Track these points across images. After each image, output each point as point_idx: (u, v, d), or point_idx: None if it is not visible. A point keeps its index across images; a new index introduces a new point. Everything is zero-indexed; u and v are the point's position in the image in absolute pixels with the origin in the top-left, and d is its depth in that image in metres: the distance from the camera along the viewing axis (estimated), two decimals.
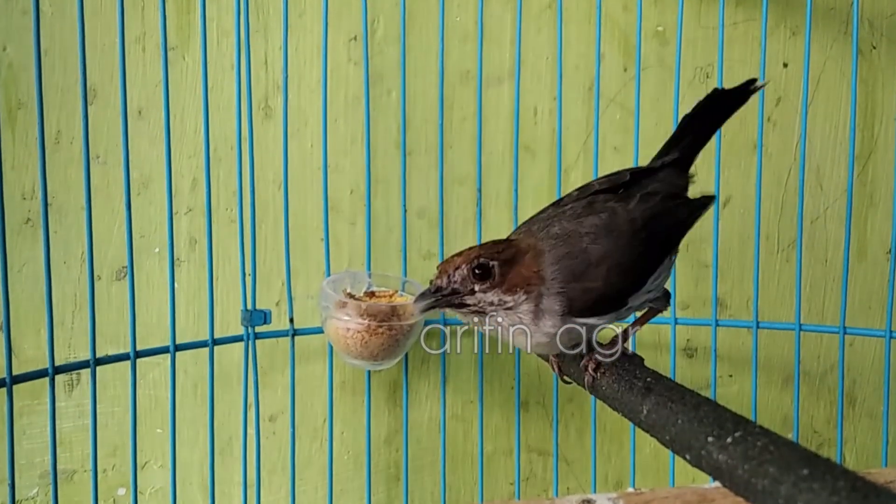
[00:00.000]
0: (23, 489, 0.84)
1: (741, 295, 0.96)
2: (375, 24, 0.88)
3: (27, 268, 0.83)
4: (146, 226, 0.85)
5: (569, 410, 0.95)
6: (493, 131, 0.91)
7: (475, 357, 0.91)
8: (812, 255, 0.97)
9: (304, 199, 0.87)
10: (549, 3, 0.91)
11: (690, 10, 0.92)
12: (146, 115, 0.84)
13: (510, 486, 0.95)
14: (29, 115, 0.82)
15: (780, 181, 0.96)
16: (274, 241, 0.87)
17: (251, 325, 0.81)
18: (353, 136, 0.89)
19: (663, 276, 0.60)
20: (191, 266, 0.87)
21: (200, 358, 0.84)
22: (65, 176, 0.83)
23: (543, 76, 0.91)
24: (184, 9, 0.84)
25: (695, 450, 0.41)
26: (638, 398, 0.50)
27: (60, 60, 0.82)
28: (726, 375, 0.97)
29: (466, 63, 0.89)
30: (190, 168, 0.86)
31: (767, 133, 0.95)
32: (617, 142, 0.93)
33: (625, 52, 0.92)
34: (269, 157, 0.86)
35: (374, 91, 0.87)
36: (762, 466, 0.35)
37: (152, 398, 0.87)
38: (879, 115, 0.97)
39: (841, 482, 0.31)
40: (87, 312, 0.70)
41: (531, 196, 0.92)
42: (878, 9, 0.95)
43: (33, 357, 0.83)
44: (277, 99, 0.87)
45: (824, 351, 0.98)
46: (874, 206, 0.98)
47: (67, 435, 0.85)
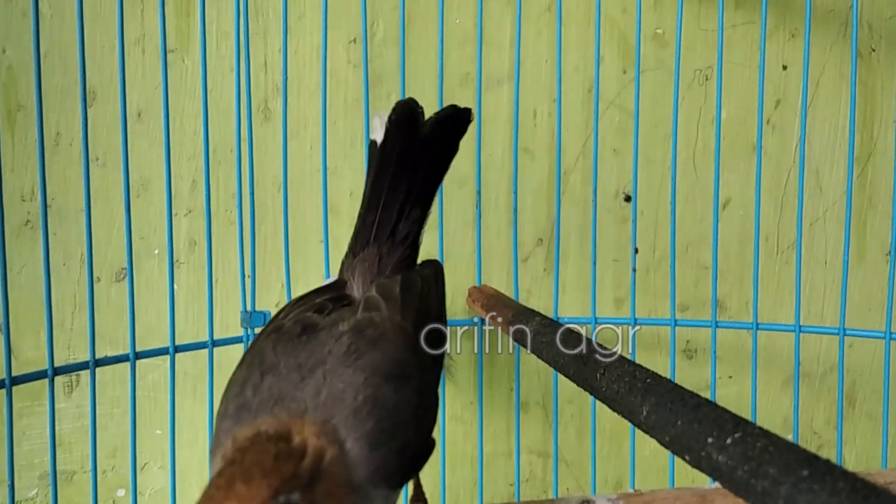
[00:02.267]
0: (22, 490, 0.84)
1: (741, 296, 0.96)
2: (375, 27, 0.88)
3: (27, 269, 0.83)
4: (146, 227, 0.85)
5: (568, 412, 0.95)
6: (493, 133, 0.91)
7: (475, 358, 0.91)
8: (812, 256, 0.97)
9: (304, 201, 0.87)
10: (548, 6, 0.91)
11: (689, 13, 0.92)
12: (146, 117, 0.84)
13: (510, 487, 0.95)
14: (28, 116, 0.82)
15: (779, 183, 0.96)
16: (273, 243, 0.87)
17: (251, 326, 0.81)
18: (352, 139, 0.89)
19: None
20: (190, 267, 0.87)
21: (200, 359, 0.84)
22: (64, 178, 0.83)
23: (543, 78, 0.91)
24: (183, 11, 0.85)
25: (694, 451, 0.41)
26: (637, 399, 0.50)
27: (60, 62, 0.82)
28: (726, 376, 0.97)
29: (466, 65, 0.90)
30: (189, 170, 0.86)
31: (767, 135, 0.95)
32: (616, 144, 0.93)
33: (624, 55, 0.92)
34: (269, 159, 0.86)
35: (373, 93, 0.87)
36: (762, 467, 0.35)
37: (152, 399, 0.87)
38: (879, 117, 0.97)
39: (841, 483, 0.31)
40: (86, 314, 0.70)
41: (530, 198, 0.92)
42: (878, 11, 0.95)
43: (33, 358, 0.83)
44: (277, 101, 0.87)
45: (824, 352, 0.98)
46: (873, 208, 0.98)
47: (67, 436, 0.85)
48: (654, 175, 0.93)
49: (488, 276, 0.90)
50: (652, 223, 0.94)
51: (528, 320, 0.65)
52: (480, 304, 0.81)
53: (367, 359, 0.45)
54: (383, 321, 0.48)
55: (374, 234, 0.56)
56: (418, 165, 0.56)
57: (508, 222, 0.90)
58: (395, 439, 0.42)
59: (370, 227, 0.56)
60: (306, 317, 0.50)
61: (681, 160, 0.93)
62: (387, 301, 0.50)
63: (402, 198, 0.56)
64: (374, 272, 0.55)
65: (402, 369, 0.45)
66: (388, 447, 0.42)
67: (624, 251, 0.93)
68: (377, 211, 0.56)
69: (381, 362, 0.45)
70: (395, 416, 0.43)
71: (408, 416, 0.44)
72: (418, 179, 0.56)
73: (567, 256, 0.92)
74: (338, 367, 0.44)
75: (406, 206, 0.56)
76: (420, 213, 0.56)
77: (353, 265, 0.56)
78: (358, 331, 0.47)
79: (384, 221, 0.56)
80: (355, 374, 0.43)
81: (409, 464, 0.44)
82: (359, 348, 0.45)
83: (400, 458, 0.42)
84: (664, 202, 0.93)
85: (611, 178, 0.93)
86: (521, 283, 0.91)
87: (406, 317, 0.49)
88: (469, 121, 0.59)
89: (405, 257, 0.55)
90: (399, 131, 0.57)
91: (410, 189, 0.56)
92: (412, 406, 0.44)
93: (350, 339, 0.46)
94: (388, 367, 0.45)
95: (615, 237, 0.93)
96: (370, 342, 0.46)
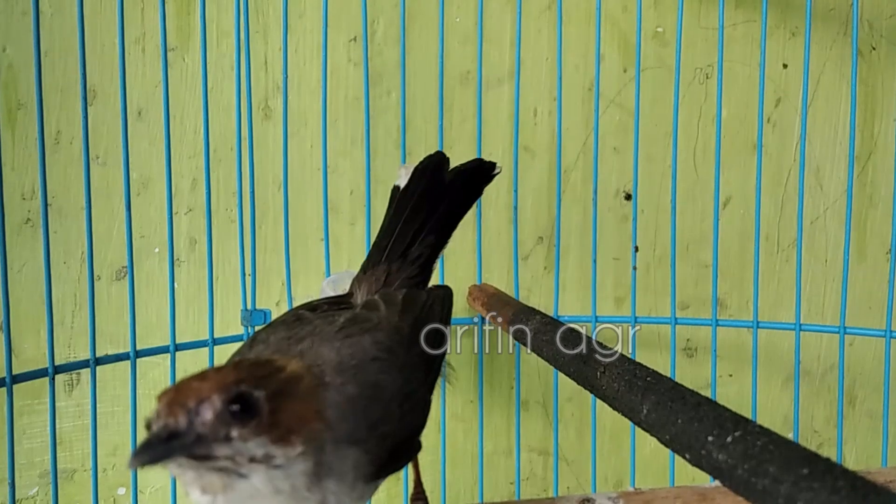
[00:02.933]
0: (23, 488, 0.84)
1: (741, 295, 0.96)
2: (375, 25, 0.88)
3: (27, 268, 0.83)
4: (146, 226, 0.85)
5: (569, 410, 0.95)
6: (493, 132, 0.91)
7: (475, 357, 0.91)
8: (812, 255, 0.97)
9: (304, 199, 0.87)
10: (548, 4, 0.91)
11: (690, 11, 0.92)
12: (146, 116, 0.84)
13: (510, 486, 0.95)
14: (29, 115, 0.82)
15: (779, 181, 0.96)
16: (274, 242, 0.87)
17: (251, 324, 0.82)
18: (352, 137, 0.89)
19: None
20: (191, 266, 0.87)
21: (200, 358, 0.84)
22: (65, 176, 0.83)
23: (543, 77, 0.91)
24: (184, 10, 0.84)
25: (694, 449, 0.41)
26: (638, 397, 0.50)
27: (60, 61, 0.82)
28: (726, 375, 0.97)
29: (466, 64, 0.90)
30: (190, 168, 0.86)
31: (767, 133, 0.95)
32: (616, 142, 0.93)
33: (624, 53, 0.92)
34: (269, 157, 0.86)
35: (373, 92, 0.87)
36: (762, 466, 0.35)
37: (152, 398, 0.86)
38: (879, 115, 0.97)
39: (841, 482, 0.31)
40: (87, 312, 0.70)
41: (531, 196, 0.92)
42: (878, 10, 0.95)
43: (33, 357, 0.84)
44: (277, 99, 0.87)
45: (824, 351, 0.98)
46: (874, 207, 0.98)
47: (67, 434, 0.85)
48: (654, 173, 0.93)
49: (489, 274, 0.90)
50: (652, 222, 0.94)
51: (528, 319, 0.65)
52: (481, 302, 0.81)
53: (356, 339, 0.45)
54: (380, 319, 0.49)
55: (386, 255, 0.57)
56: (439, 203, 0.57)
57: (509, 221, 0.90)
58: (372, 412, 0.41)
59: (382, 250, 0.57)
60: (300, 312, 0.51)
61: (681, 159, 0.93)
62: (387, 305, 0.51)
63: (418, 226, 0.57)
64: (381, 284, 0.55)
65: (388, 356, 0.45)
66: (366, 418, 0.41)
67: (624, 250, 0.93)
68: (391, 237, 0.57)
69: (369, 344, 0.45)
70: (378, 394, 0.42)
71: (389, 398, 0.43)
72: (438, 213, 0.57)
73: (567, 255, 0.92)
74: (327, 339, 0.44)
75: (421, 233, 0.57)
76: (435, 240, 0.57)
77: (361, 279, 0.57)
78: (352, 320, 0.48)
79: (397, 244, 0.57)
80: (342, 346, 0.44)
81: (388, 452, 0.42)
82: (350, 332, 0.46)
83: (377, 437, 0.41)
84: (664, 201, 0.93)
85: (611, 176, 0.93)
86: (521, 282, 0.91)
87: (404, 319, 0.50)
88: (494, 173, 0.61)
89: (414, 275, 0.56)
90: (423, 176, 0.58)
91: (428, 219, 0.57)
92: (395, 391, 0.43)
93: (343, 323, 0.47)
94: (376, 350, 0.45)
95: (615, 236, 0.93)
96: (362, 329, 0.47)
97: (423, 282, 0.57)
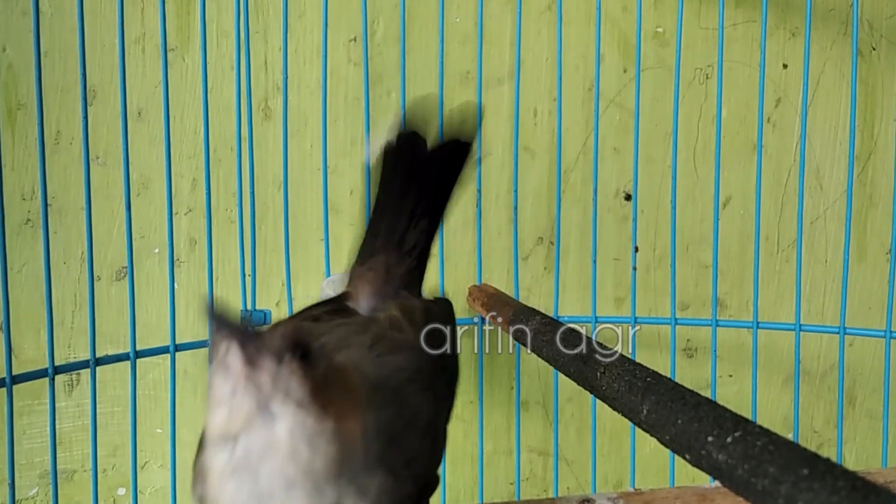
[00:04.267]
0: (23, 489, 0.84)
1: (741, 295, 0.96)
2: (375, 25, 0.88)
3: (27, 268, 0.83)
4: (146, 226, 0.85)
5: (569, 410, 0.95)
6: (493, 132, 0.91)
7: (475, 357, 0.91)
8: (812, 255, 0.97)
9: (304, 199, 0.87)
10: (548, 5, 0.91)
11: (690, 11, 0.92)
12: (146, 116, 0.84)
13: (510, 486, 0.95)
14: (29, 115, 0.82)
15: (779, 182, 0.96)
16: (274, 242, 0.87)
17: (251, 325, 0.81)
18: (352, 137, 0.89)
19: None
20: (191, 266, 0.87)
21: (200, 358, 0.84)
22: (64, 176, 0.83)
23: (543, 77, 0.91)
24: (183, 10, 0.84)
25: (694, 449, 0.41)
26: (638, 398, 0.50)
27: (60, 61, 0.82)
28: (726, 375, 0.97)
29: (466, 64, 0.89)
30: (190, 169, 0.86)
31: (767, 134, 0.95)
32: (617, 143, 0.93)
33: (624, 53, 0.92)
34: (269, 157, 0.86)
35: (373, 92, 0.87)
36: (762, 466, 0.35)
37: (152, 398, 0.87)
38: (879, 115, 0.97)
39: (841, 482, 0.31)
40: (86, 312, 0.70)
41: (531, 197, 0.92)
42: (878, 10, 0.95)
43: (33, 357, 0.84)
44: (277, 100, 0.87)
45: (824, 351, 0.98)
46: (874, 207, 0.98)
47: (67, 435, 0.85)
48: (654, 174, 0.93)
49: (489, 274, 0.90)
50: (652, 222, 0.94)
51: (528, 319, 0.65)
52: (481, 302, 0.81)
53: (391, 358, 0.44)
54: (406, 339, 0.48)
55: (383, 242, 0.56)
56: (425, 181, 0.56)
57: (509, 221, 0.90)
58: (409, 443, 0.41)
59: (378, 234, 0.56)
60: (300, 325, 0.50)
61: (681, 159, 0.93)
62: (410, 323, 0.50)
63: (409, 211, 0.56)
64: (381, 281, 0.55)
65: (422, 377, 0.45)
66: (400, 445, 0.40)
67: (624, 250, 0.93)
68: (382, 222, 0.56)
69: (404, 363, 0.45)
70: (412, 417, 0.42)
71: (423, 425, 0.43)
72: (427, 194, 0.56)
73: (567, 255, 0.92)
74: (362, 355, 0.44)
75: (413, 218, 0.56)
76: (428, 225, 0.56)
77: (359, 276, 0.56)
78: (380, 336, 0.47)
79: (391, 232, 0.56)
80: (378, 365, 0.43)
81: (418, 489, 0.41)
82: (382, 350, 0.45)
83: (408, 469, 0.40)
84: (664, 201, 0.93)
85: (611, 176, 0.93)
86: (521, 282, 0.91)
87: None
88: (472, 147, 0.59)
89: (412, 269, 0.55)
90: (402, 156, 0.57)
91: (418, 202, 0.56)
92: (428, 417, 0.43)
93: (373, 339, 0.46)
94: (411, 372, 0.45)
95: (615, 236, 0.93)
96: (394, 348, 0.46)
97: (421, 275, 0.57)
